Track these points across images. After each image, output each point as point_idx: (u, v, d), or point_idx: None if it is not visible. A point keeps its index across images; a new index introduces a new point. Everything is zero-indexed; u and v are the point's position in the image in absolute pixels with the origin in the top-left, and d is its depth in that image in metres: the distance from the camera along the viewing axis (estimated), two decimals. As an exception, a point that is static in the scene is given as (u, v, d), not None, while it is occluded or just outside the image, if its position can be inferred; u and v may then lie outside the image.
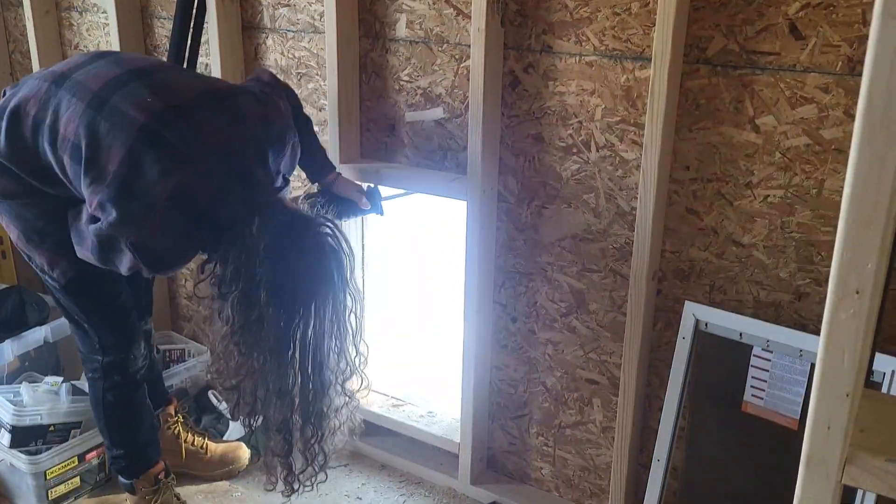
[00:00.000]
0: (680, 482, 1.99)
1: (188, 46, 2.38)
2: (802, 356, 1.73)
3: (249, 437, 2.42)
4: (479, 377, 2.22)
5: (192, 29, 2.38)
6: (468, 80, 2.00)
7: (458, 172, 2.13)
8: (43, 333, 2.62)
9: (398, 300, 2.56)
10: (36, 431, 2.24)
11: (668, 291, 1.91)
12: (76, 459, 2.26)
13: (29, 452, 2.20)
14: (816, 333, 1.45)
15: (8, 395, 2.31)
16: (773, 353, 1.76)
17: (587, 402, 2.11)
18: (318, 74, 2.33)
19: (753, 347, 1.79)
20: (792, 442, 1.72)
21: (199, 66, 2.48)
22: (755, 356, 1.79)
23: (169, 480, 2.17)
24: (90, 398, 2.11)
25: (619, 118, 1.85)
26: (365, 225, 2.45)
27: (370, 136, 2.29)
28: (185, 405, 2.58)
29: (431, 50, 2.10)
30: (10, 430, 2.21)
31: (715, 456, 1.92)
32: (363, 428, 1.82)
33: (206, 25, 2.40)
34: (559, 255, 2.04)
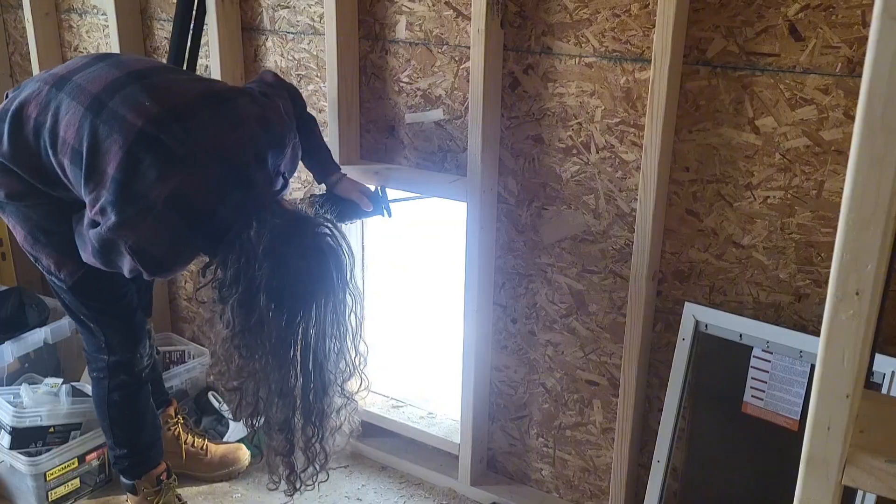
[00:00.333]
0: (680, 483, 1.99)
1: (188, 48, 2.39)
2: (802, 357, 1.73)
3: (252, 437, 2.42)
4: (479, 378, 2.22)
5: (191, 31, 2.38)
6: (468, 81, 2.00)
7: (457, 174, 2.13)
8: (43, 335, 2.62)
9: (398, 301, 2.56)
10: (36, 433, 2.24)
11: (667, 293, 1.91)
12: (76, 461, 2.26)
13: (29, 454, 2.20)
14: (816, 334, 1.45)
15: (8, 396, 2.30)
16: (772, 354, 1.77)
17: (587, 403, 2.11)
18: (317, 76, 2.34)
19: (753, 348, 1.79)
20: (792, 443, 1.71)
21: (198, 67, 2.49)
22: (755, 357, 1.79)
23: (171, 481, 2.17)
24: (94, 397, 2.11)
25: (618, 119, 1.86)
26: (365, 226, 2.45)
27: (370, 137, 2.29)
28: (185, 406, 2.58)
29: (431, 51, 2.10)
30: (9, 431, 2.21)
31: (715, 457, 1.92)
32: (360, 430, 1.82)
33: (205, 27, 2.40)
34: (559, 256, 2.04)
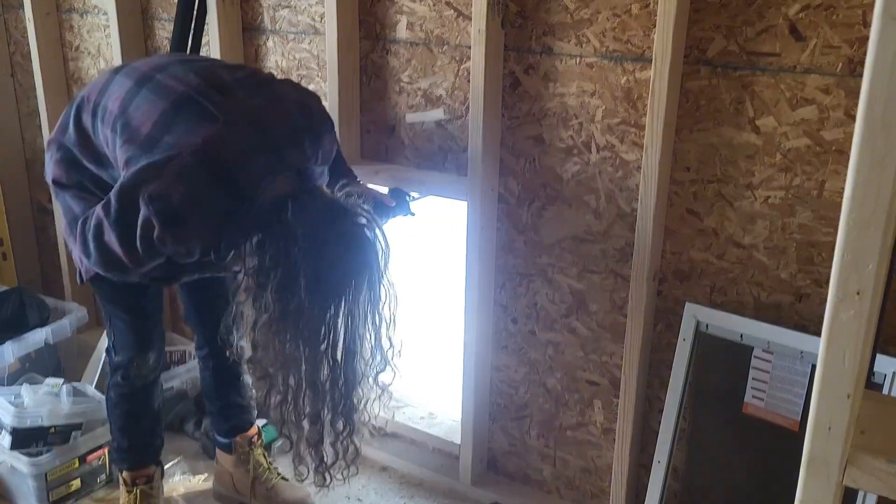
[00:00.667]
0: (681, 483, 1.98)
1: (188, 48, 2.39)
2: (803, 357, 1.73)
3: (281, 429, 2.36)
4: (479, 378, 2.22)
5: (192, 31, 2.38)
6: (469, 81, 2.00)
7: (458, 174, 2.13)
8: (43, 335, 2.62)
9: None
10: (37, 433, 2.23)
11: (668, 293, 1.91)
12: (77, 461, 2.26)
13: (30, 454, 2.20)
14: (817, 335, 1.44)
15: (9, 396, 2.30)
16: (773, 354, 1.76)
17: (588, 403, 2.11)
18: (318, 76, 2.34)
19: (754, 349, 1.79)
20: (793, 443, 1.71)
21: (199, 67, 2.49)
22: (756, 357, 1.79)
23: (147, 489, 2.14)
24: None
25: (619, 119, 1.85)
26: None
27: (371, 137, 2.29)
28: (185, 407, 2.58)
29: (432, 52, 2.10)
30: (10, 431, 2.21)
31: (716, 457, 1.92)
32: (384, 430, 1.83)
33: (206, 27, 2.40)
34: (559, 256, 2.04)
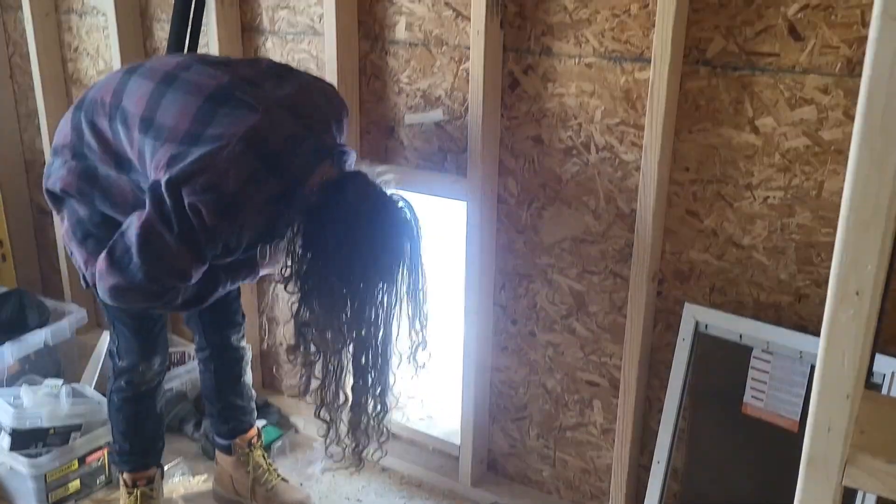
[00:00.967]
0: (680, 484, 1.98)
1: (185, 49, 2.38)
2: (802, 358, 1.73)
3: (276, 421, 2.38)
4: (479, 379, 2.22)
5: (189, 31, 2.38)
6: (468, 82, 2.00)
7: (457, 174, 2.13)
8: (43, 336, 2.62)
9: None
10: (36, 434, 2.23)
11: (668, 293, 1.91)
12: (76, 462, 2.26)
13: (29, 455, 2.20)
14: (816, 335, 1.45)
15: (8, 398, 2.30)
16: (773, 354, 1.76)
17: (587, 403, 2.10)
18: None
19: (753, 349, 1.79)
20: (792, 443, 1.70)
21: (198, 68, 2.48)
22: (755, 358, 1.79)
23: (147, 490, 2.14)
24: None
25: (618, 120, 1.85)
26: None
27: (370, 138, 2.29)
28: (185, 408, 2.58)
29: (431, 52, 2.10)
30: (10, 433, 2.21)
31: (715, 458, 1.92)
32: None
33: (205, 28, 2.40)
34: (559, 256, 2.04)
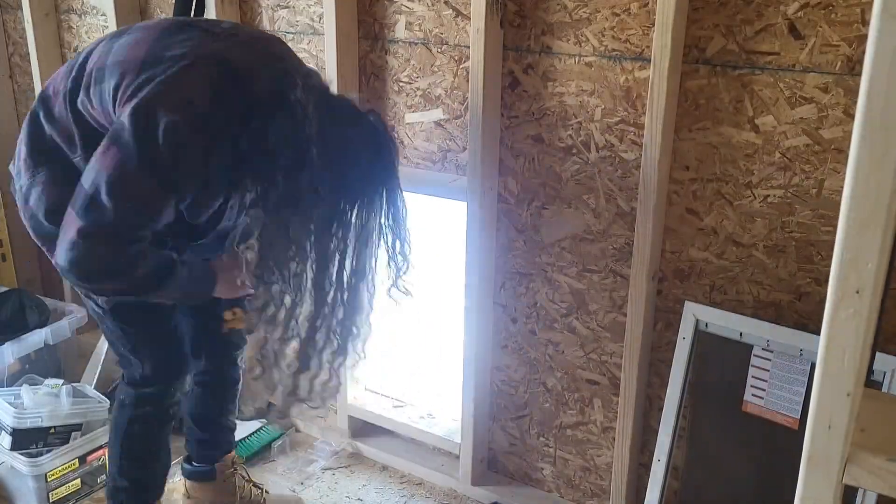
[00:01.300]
0: (681, 482, 1.99)
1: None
2: (803, 356, 1.73)
3: (270, 421, 2.33)
4: (479, 378, 2.22)
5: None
6: (468, 81, 2.00)
7: (457, 173, 2.13)
8: (43, 336, 2.62)
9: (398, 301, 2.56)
10: (36, 434, 2.23)
11: (668, 292, 1.91)
12: (77, 461, 2.26)
13: (30, 455, 2.20)
14: (817, 333, 1.45)
15: (8, 397, 2.30)
16: (773, 352, 1.76)
17: (588, 402, 2.11)
18: (317, 76, 2.33)
19: (754, 347, 1.79)
20: (792, 442, 1.71)
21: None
22: (755, 356, 1.79)
23: None
24: (112, 420, 1.96)
25: (618, 119, 1.85)
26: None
27: (370, 137, 2.28)
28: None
29: (431, 51, 2.10)
30: (10, 432, 2.21)
31: (715, 456, 1.92)
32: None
33: (205, 27, 2.40)
34: (559, 255, 2.04)
